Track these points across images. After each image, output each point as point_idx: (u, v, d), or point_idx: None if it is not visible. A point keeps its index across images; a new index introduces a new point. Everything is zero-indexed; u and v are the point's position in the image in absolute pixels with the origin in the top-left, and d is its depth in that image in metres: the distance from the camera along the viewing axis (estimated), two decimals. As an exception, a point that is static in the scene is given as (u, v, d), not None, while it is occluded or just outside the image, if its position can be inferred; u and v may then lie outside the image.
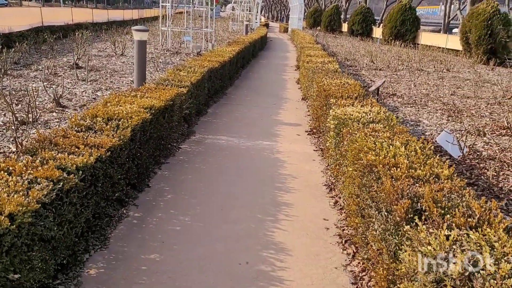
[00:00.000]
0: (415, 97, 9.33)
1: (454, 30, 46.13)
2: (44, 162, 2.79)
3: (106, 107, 4.28)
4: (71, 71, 9.13)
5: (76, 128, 3.63)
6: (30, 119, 5.33)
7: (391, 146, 3.50)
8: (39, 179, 2.53)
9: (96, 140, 3.34)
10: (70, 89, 7.44)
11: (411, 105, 8.44)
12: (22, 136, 4.81)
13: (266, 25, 47.03)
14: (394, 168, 3.00)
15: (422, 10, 73.45)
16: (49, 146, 3.13)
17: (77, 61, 9.80)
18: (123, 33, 18.86)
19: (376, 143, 3.58)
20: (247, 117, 7.44)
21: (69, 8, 18.96)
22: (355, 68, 13.66)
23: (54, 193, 2.48)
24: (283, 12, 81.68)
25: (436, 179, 2.89)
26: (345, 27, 40.75)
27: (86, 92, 7.33)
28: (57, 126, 5.30)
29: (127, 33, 20.26)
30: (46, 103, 6.40)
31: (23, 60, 10.19)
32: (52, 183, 2.53)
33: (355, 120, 4.41)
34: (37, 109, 5.76)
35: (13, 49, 9.76)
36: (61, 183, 2.58)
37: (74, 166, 2.81)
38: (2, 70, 7.99)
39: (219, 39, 21.75)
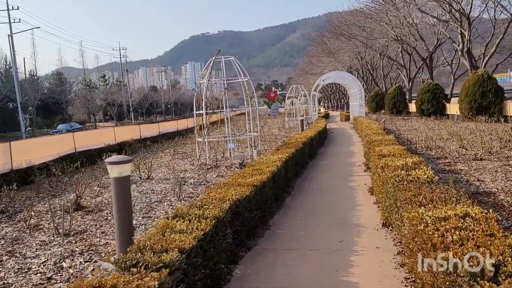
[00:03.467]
0: None
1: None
2: None
3: None
4: (70, 213, 6.87)
5: None
6: None
7: None
8: None
9: None
10: (29, 261, 5.00)
11: None
12: None
13: (326, 116, 45.25)
14: None
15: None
16: None
17: (78, 200, 7.61)
18: (169, 147, 17.24)
19: None
20: (298, 282, 4.44)
21: (111, 129, 17.97)
22: (445, 162, 10.35)
23: None
24: (342, 100, 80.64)
25: None
26: (412, 107, 37.70)
27: (45, 265, 4.82)
28: None
29: (175, 144, 18.76)
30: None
31: (19, 204, 8.24)
32: None
33: None
34: None
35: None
36: None
37: None
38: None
39: (272, 139, 19.56)
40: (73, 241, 5.59)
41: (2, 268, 4.56)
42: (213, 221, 4.26)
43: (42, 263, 4.84)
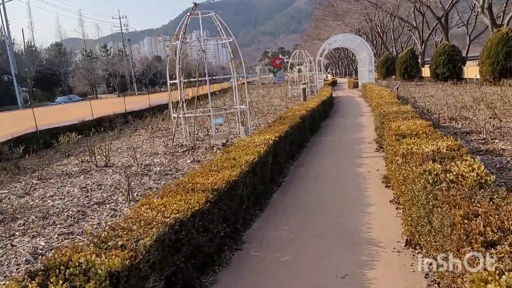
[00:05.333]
0: None
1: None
2: None
3: None
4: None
5: None
6: None
7: None
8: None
9: None
10: None
11: None
12: None
13: (333, 83, 42.81)
14: None
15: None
16: None
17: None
18: (152, 122, 15.22)
19: None
20: None
21: (87, 102, 15.96)
22: (479, 138, 8.23)
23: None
24: (351, 66, 77.46)
25: None
26: (425, 71, 35.09)
27: None
28: None
29: (163, 119, 16.78)
30: None
31: None
32: None
33: None
34: None
35: None
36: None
37: None
38: None
39: (271, 110, 17.50)
40: None
41: None
42: (105, 284, 2.31)
43: None
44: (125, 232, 3.05)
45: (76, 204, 5.75)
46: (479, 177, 3.69)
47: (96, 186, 6.60)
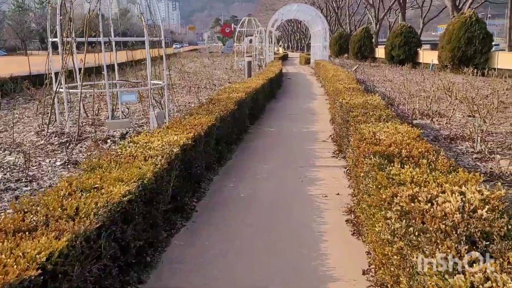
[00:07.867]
0: None
1: None
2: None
3: None
4: None
5: None
6: None
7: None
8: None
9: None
10: None
11: None
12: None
13: (284, 57, 40.47)
14: None
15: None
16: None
17: None
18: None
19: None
20: None
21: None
22: (471, 151, 6.13)
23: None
24: (303, 41, 75.24)
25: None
26: (379, 52, 33.59)
27: None
28: None
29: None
30: None
31: None
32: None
33: None
34: None
35: None
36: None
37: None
38: None
39: (209, 85, 14.81)
40: None
41: None
42: None
43: None
44: None
45: None
46: None
47: None
